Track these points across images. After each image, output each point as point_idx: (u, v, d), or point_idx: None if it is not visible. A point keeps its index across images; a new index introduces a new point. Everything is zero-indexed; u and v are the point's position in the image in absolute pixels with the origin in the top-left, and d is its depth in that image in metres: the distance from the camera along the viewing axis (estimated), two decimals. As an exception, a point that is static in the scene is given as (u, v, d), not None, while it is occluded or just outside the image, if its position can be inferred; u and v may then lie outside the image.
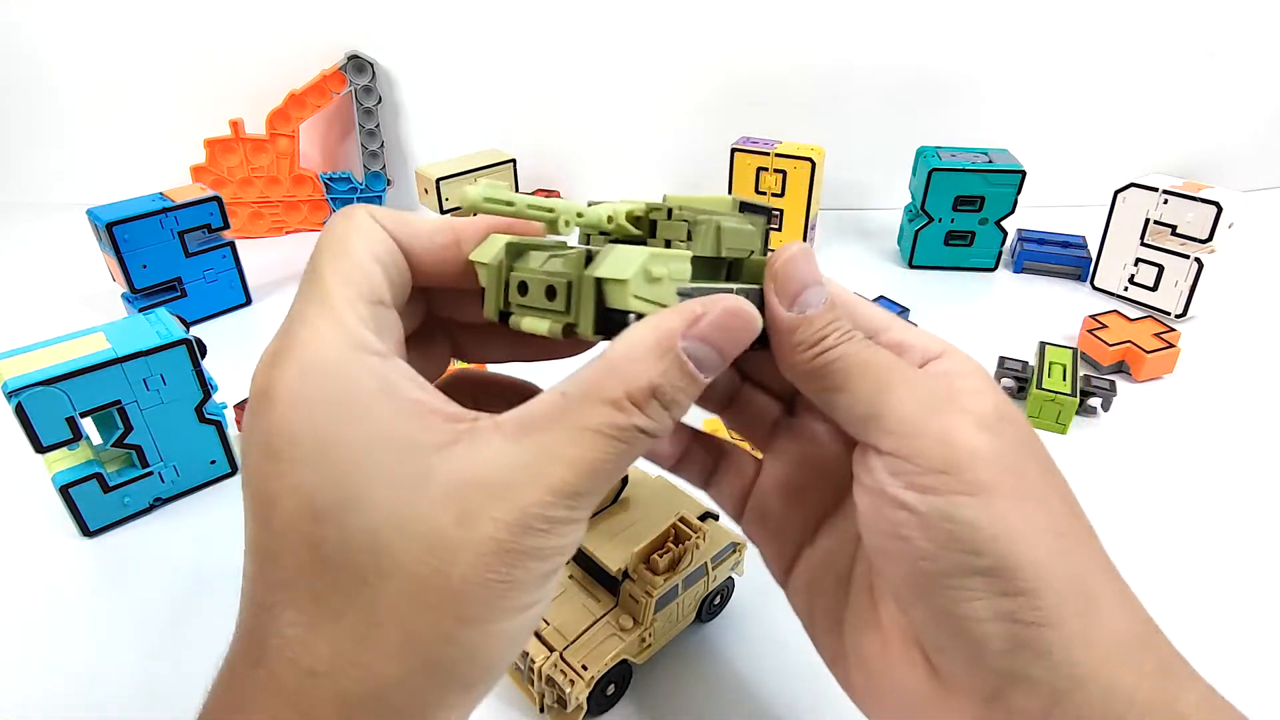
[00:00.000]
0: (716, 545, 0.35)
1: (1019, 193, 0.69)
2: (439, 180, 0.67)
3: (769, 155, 0.73)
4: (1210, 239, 0.60)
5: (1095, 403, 0.52)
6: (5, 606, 0.39)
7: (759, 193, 0.76)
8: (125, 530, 0.44)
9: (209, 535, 0.43)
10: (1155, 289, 0.64)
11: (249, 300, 0.68)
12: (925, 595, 0.21)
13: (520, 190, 0.74)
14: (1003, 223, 0.71)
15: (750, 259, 0.24)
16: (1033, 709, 0.20)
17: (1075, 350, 0.54)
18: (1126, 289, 0.67)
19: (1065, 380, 0.51)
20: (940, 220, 0.71)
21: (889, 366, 0.23)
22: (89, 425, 0.42)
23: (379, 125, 0.82)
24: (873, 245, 0.80)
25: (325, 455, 0.18)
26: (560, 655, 0.31)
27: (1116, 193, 0.65)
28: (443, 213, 0.69)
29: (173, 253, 0.62)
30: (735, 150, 0.75)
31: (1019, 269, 0.73)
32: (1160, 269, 0.64)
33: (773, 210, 0.24)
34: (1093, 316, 0.60)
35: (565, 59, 0.83)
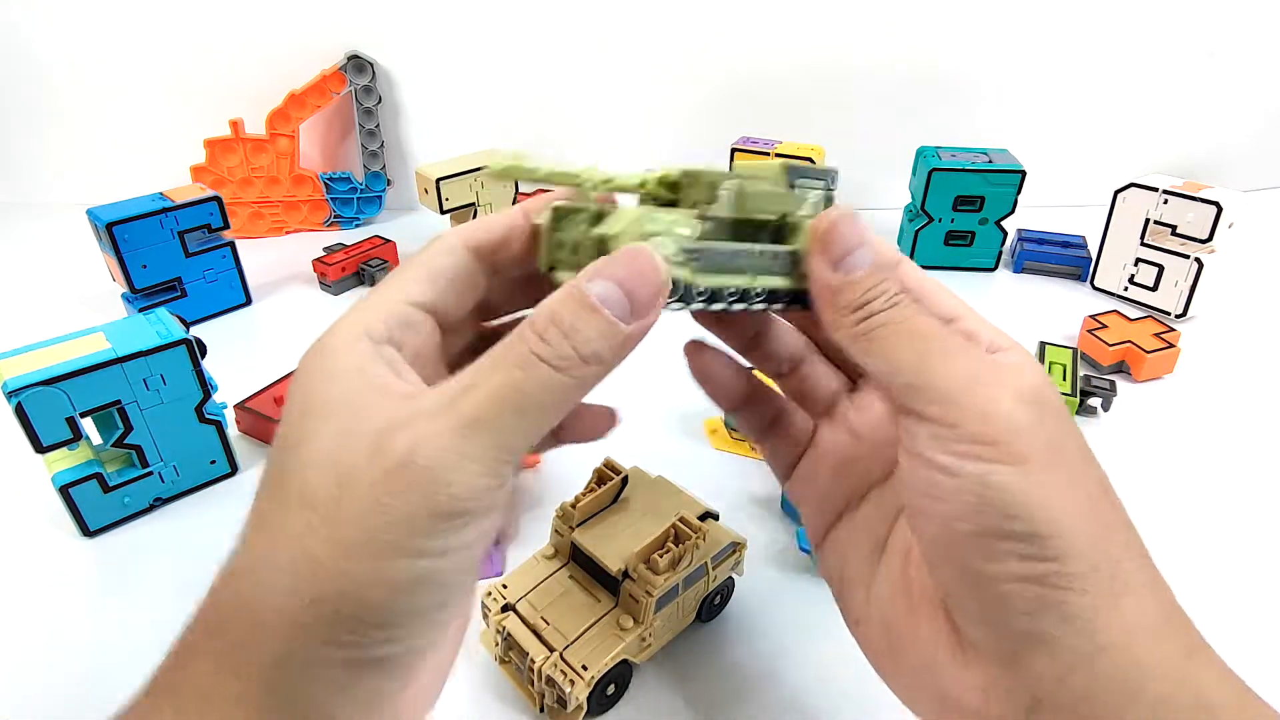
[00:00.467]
0: (716, 545, 0.35)
1: (1019, 193, 0.69)
2: (439, 180, 0.67)
3: (769, 155, 0.73)
4: (1210, 239, 0.60)
5: (1095, 403, 0.52)
6: (5, 606, 0.39)
7: (759, 193, 0.76)
8: (125, 530, 0.44)
9: (209, 535, 0.43)
10: (1155, 289, 0.64)
11: (249, 300, 0.68)
12: (956, 556, 0.22)
13: (520, 190, 0.74)
14: (1003, 223, 0.71)
15: (803, 222, 0.24)
16: (1050, 673, 0.20)
17: (1075, 350, 0.54)
18: (1126, 289, 0.67)
19: (1065, 380, 0.51)
20: (940, 220, 0.71)
21: (936, 334, 0.23)
22: (89, 425, 0.42)
23: (379, 125, 0.82)
24: (873, 245, 0.80)
25: (301, 407, 0.21)
26: (560, 655, 0.31)
27: (1116, 193, 0.65)
28: (442, 212, 0.69)
29: (173, 253, 0.62)
30: (735, 150, 0.75)
31: (1019, 269, 0.73)
32: (1160, 269, 0.64)
33: (833, 171, 0.25)
34: (1093, 316, 0.60)
35: (565, 59, 0.83)
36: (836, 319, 0.23)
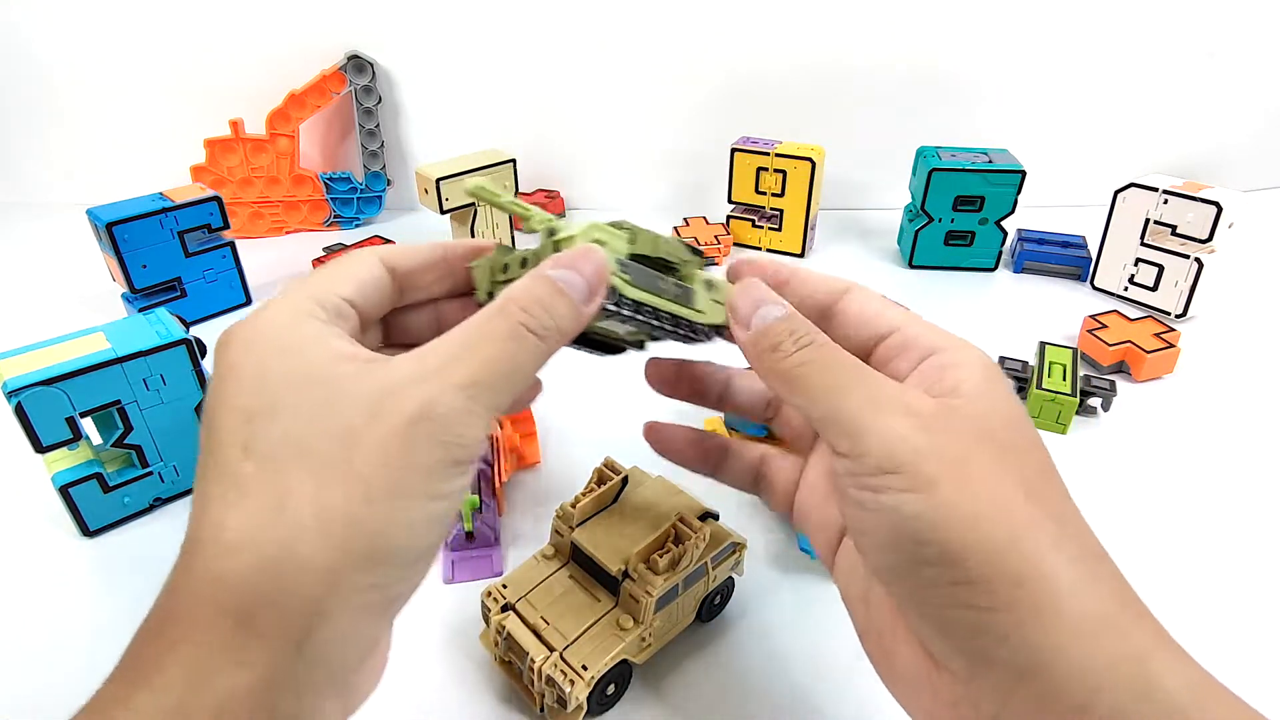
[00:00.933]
0: (716, 545, 0.35)
1: (1019, 193, 0.69)
2: (439, 180, 0.67)
3: (769, 155, 0.73)
4: (1210, 239, 0.60)
5: (1095, 403, 0.52)
6: (5, 606, 0.39)
7: (759, 193, 0.76)
8: (125, 530, 0.44)
9: (209, 535, 0.43)
10: (1155, 289, 0.64)
11: (249, 300, 0.68)
12: (895, 584, 0.23)
13: (520, 191, 0.74)
14: (1003, 223, 0.71)
15: (686, 269, 0.28)
16: (999, 689, 0.21)
17: (1075, 350, 0.54)
18: (1126, 289, 0.67)
19: (1065, 380, 0.51)
20: (940, 220, 0.71)
21: (843, 368, 0.24)
22: (89, 425, 0.42)
23: (379, 125, 0.82)
24: (873, 245, 0.80)
25: (261, 378, 0.22)
26: (560, 655, 0.31)
27: (1116, 193, 0.65)
28: (442, 212, 0.69)
29: (173, 253, 0.62)
30: (735, 150, 0.75)
31: (1019, 269, 0.73)
32: (1160, 269, 0.64)
33: (703, 254, 0.30)
34: (1093, 316, 0.60)
35: (565, 59, 0.83)
36: (758, 367, 0.25)
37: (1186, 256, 0.62)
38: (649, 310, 0.26)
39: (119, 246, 0.59)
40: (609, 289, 0.24)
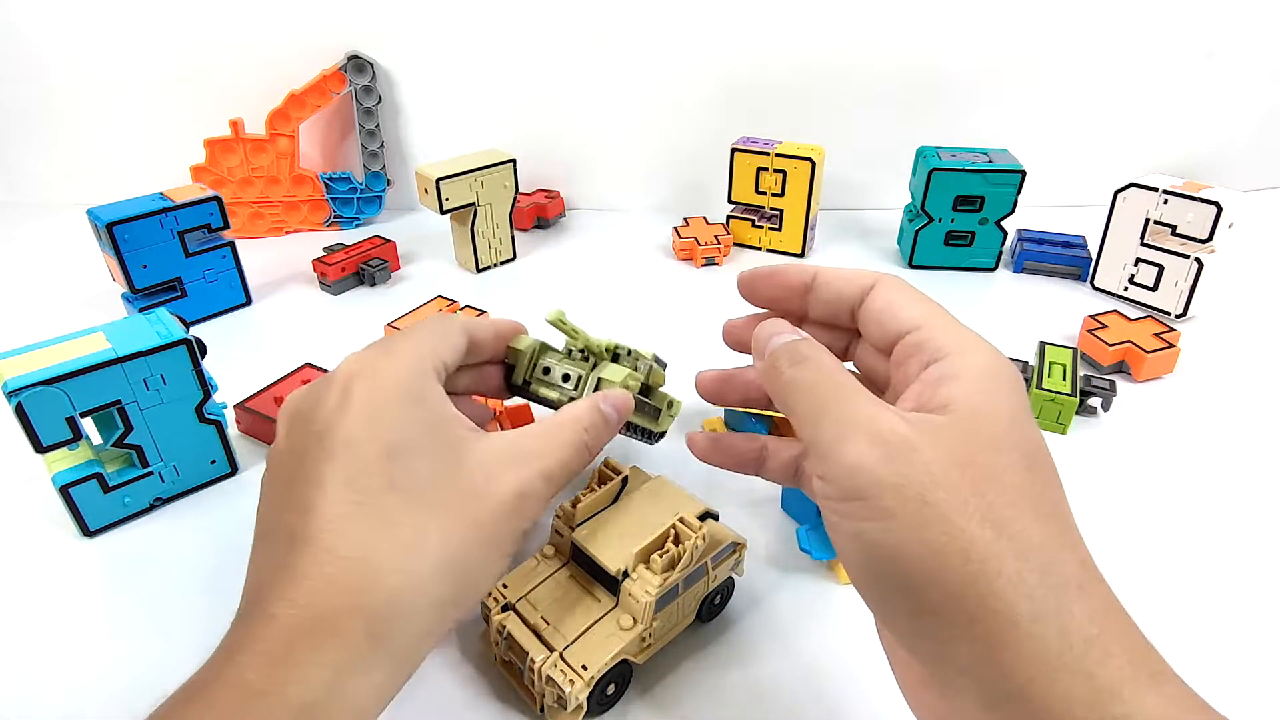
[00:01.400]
0: (716, 545, 0.35)
1: (1019, 193, 0.69)
2: (439, 180, 0.67)
3: (769, 155, 0.74)
4: (1210, 239, 0.60)
5: (1095, 403, 0.52)
6: (5, 606, 0.39)
7: (759, 193, 0.76)
8: (125, 530, 0.44)
9: (209, 535, 0.43)
10: (1155, 289, 0.64)
11: (249, 300, 0.68)
12: (870, 604, 0.24)
13: (520, 191, 0.74)
14: (1003, 223, 0.71)
15: (659, 391, 0.41)
16: (973, 709, 0.21)
17: (1075, 350, 0.54)
18: (1126, 289, 0.67)
19: (1065, 380, 0.51)
20: (940, 220, 0.71)
21: (823, 388, 0.24)
22: (89, 425, 0.42)
23: (379, 125, 0.82)
24: (873, 245, 0.80)
25: (399, 420, 0.27)
26: (560, 655, 0.31)
27: (1116, 193, 0.65)
28: (442, 212, 0.69)
29: (173, 253, 0.62)
30: (735, 150, 0.75)
31: (1019, 269, 0.73)
32: (1160, 269, 0.64)
33: (663, 365, 0.42)
34: (1093, 316, 0.60)
35: (565, 59, 0.83)
36: (767, 389, 0.27)
37: (1186, 256, 0.62)
38: (634, 426, 0.40)
39: (119, 246, 0.59)
40: None
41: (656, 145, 0.87)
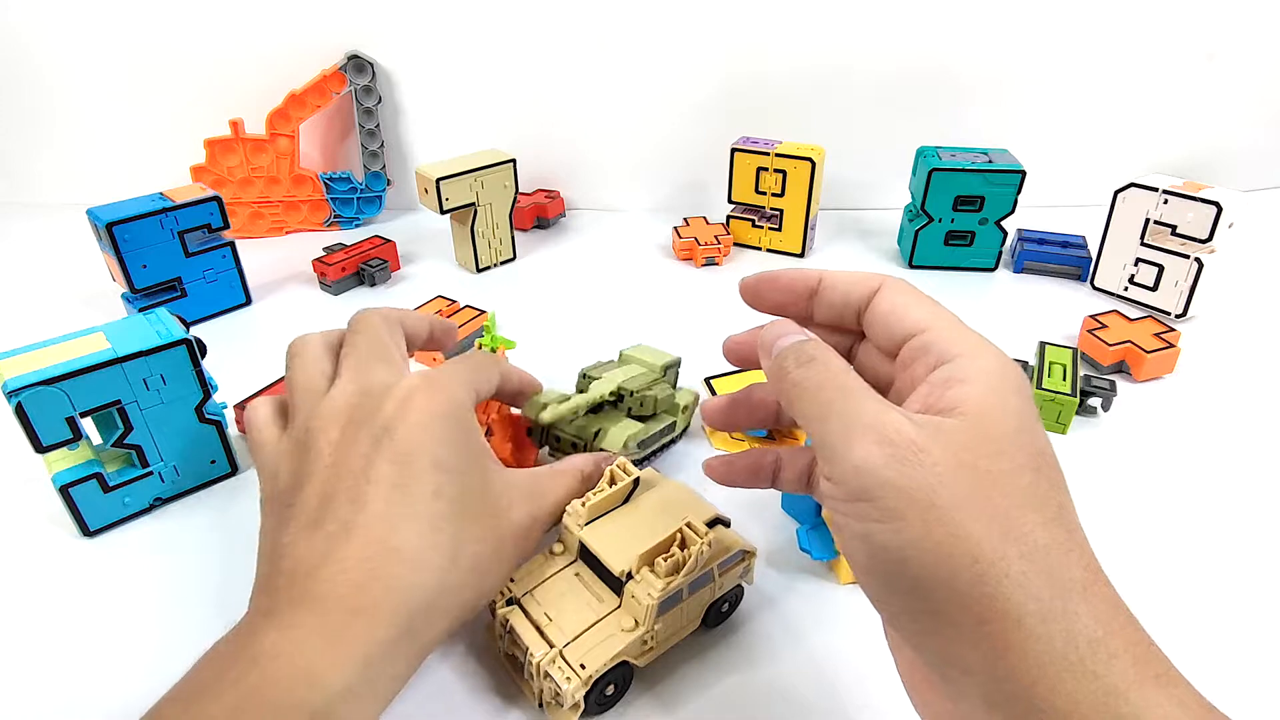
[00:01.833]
0: (725, 552, 0.35)
1: (1019, 193, 0.69)
2: (439, 180, 0.67)
3: (769, 155, 0.74)
4: (1210, 239, 0.60)
5: (1095, 403, 0.52)
6: (5, 606, 0.39)
7: (759, 193, 0.76)
8: (125, 530, 0.44)
9: (209, 535, 0.43)
10: (1155, 289, 0.64)
11: (249, 300, 0.68)
12: (877, 604, 0.24)
13: (520, 191, 0.74)
14: (1003, 223, 0.71)
15: (661, 405, 0.46)
16: (977, 713, 0.21)
17: (1075, 350, 0.54)
18: (1126, 289, 0.67)
19: (1065, 380, 0.51)
20: (940, 220, 0.71)
21: (829, 389, 0.24)
22: (89, 425, 0.42)
23: (379, 125, 0.82)
24: (873, 245, 0.80)
25: (450, 441, 0.32)
26: (560, 652, 0.31)
27: (1116, 193, 0.65)
28: (443, 212, 0.69)
29: (173, 253, 0.62)
30: (735, 150, 0.75)
31: (1019, 269, 0.73)
32: (1160, 269, 0.64)
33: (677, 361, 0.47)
34: (1093, 316, 0.60)
35: (565, 59, 0.83)
36: (775, 390, 0.27)
37: (1186, 256, 0.62)
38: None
39: (119, 246, 0.59)
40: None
41: (656, 145, 0.87)
